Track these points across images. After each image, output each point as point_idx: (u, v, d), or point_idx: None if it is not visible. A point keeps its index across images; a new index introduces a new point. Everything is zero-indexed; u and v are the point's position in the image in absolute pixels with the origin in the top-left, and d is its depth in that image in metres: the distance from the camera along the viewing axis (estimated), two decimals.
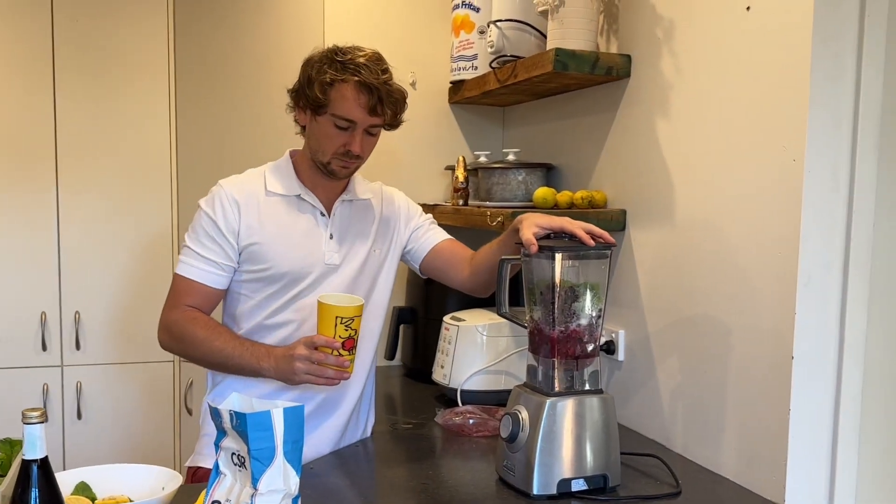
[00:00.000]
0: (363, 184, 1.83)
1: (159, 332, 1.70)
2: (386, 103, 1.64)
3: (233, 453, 1.05)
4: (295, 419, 1.02)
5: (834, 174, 1.40)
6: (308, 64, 1.68)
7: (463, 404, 2.00)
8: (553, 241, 1.51)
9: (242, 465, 1.02)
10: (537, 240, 1.50)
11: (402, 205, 1.88)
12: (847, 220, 1.41)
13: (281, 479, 1.01)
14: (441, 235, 1.89)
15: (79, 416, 2.76)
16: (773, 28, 1.46)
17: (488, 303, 2.00)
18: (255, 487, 1.00)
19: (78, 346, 2.75)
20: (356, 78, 1.61)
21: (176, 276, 1.69)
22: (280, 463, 1.00)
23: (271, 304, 1.69)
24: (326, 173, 1.70)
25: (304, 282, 1.69)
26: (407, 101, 1.71)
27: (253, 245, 1.66)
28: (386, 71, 1.66)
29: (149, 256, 2.81)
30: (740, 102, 1.54)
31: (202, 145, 2.77)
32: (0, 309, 2.69)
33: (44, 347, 2.72)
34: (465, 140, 2.63)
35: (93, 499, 1.34)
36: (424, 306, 2.39)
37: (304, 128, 1.74)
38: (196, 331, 1.64)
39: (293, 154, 1.78)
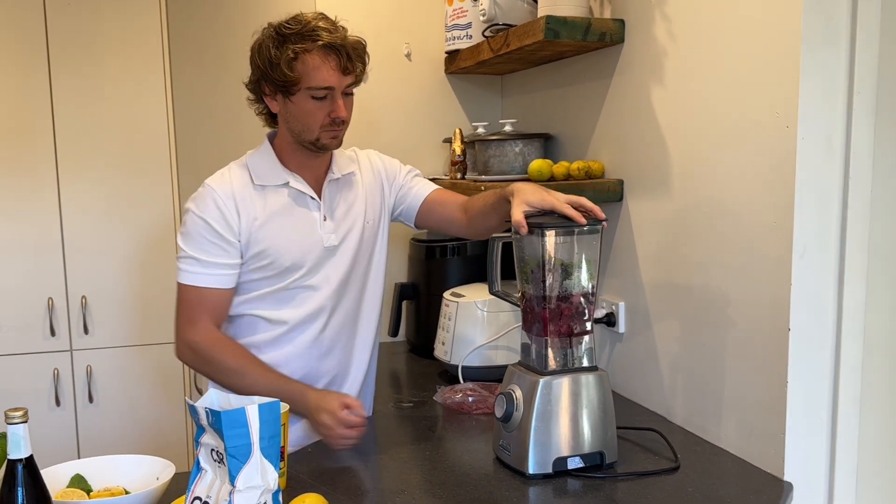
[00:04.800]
0: (343, 156, 1.77)
1: (180, 347, 1.63)
2: (354, 59, 1.60)
3: (212, 449, 1.04)
4: (271, 414, 1.01)
5: (828, 140, 1.35)
6: (260, 50, 1.63)
7: (464, 381, 1.99)
8: (543, 217, 1.48)
9: (221, 461, 1.02)
10: (527, 217, 1.46)
11: (380, 167, 1.82)
12: (843, 187, 1.36)
13: (258, 475, 1.00)
14: (429, 187, 1.83)
15: (90, 399, 2.79)
16: None
17: None
18: (232, 484, 1.00)
19: (86, 331, 2.77)
20: (319, 42, 1.56)
21: (182, 287, 1.61)
22: (257, 459, 1.00)
23: (265, 294, 1.66)
24: (317, 150, 1.65)
25: (303, 269, 1.65)
26: (367, 49, 1.66)
27: (254, 239, 1.62)
28: (340, 27, 1.62)
29: (152, 239, 2.81)
30: (733, 68, 1.49)
31: (200, 126, 2.75)
32: (7, 296, 2.70)
33: (52, 333, 2.74)
34: (463, 110, 2.59)
35: (88, 490, 1.35)
36: (426, 282, 2.36)
37: (272, 118, 1.71)
38: (226, 359, 1.59)
39: (272, 138, 1.73)
